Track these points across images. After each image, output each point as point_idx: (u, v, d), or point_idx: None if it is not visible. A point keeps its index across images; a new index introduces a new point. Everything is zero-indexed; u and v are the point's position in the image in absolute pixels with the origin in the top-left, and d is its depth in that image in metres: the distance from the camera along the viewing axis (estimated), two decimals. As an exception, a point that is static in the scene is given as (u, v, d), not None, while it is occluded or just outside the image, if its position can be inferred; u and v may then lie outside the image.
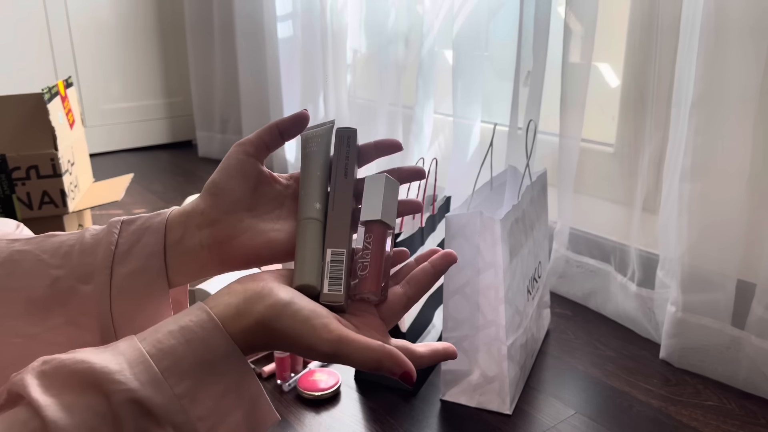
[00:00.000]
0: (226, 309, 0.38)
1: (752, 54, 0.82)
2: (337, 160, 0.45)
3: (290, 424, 0.83)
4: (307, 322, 0.37)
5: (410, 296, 0.44)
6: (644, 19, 1.01)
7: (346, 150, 0.45)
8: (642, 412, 0.86)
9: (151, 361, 0.35)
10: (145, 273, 0.43)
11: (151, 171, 2.16)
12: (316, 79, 1.81)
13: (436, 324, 0.99)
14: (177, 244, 0.44)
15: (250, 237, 0.44)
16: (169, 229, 0.44)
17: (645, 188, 1.05)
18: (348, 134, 0.45)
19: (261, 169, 0.46)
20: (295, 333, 0.37)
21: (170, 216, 0.45)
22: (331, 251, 0.42)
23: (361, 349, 0.37)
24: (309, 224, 0.43)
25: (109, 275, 0.43)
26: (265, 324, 0.37)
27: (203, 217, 0.44)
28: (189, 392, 0.35)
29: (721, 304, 0.91)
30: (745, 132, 0.85)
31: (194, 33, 2.26)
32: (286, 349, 0.39)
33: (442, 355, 0.41)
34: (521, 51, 1.08)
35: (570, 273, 1.18)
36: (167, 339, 0.36)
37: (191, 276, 0.44)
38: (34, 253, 0.44)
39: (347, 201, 0.43)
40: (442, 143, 1.51)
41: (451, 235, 0.82)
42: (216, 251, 0.44)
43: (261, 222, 0.45)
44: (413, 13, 1.44)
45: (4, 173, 1.18)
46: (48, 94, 1.21)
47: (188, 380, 0.35)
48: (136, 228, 0.44)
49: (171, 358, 0.35)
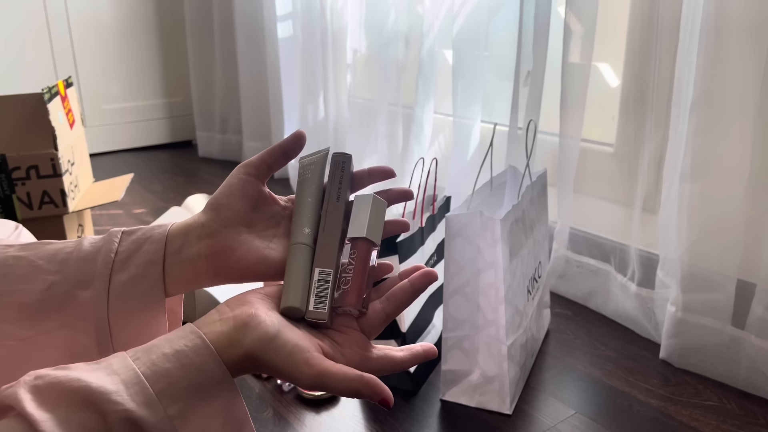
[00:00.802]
0: (219, 337, 0.40)
1: (752, 54, 0.82)
2: (331, 183, 0.47)
3: (290, 424, 0.83)
4: (290, 358, 0.40)
5: (389, 313, 0.46)
6: (644, 19, 1.02)
7: (340, 174, 0.47)
8: (642, 412, 0.86)
9: (146, 382, 0.36)
10: (144, 280, 0.44)
11: (151, 171, 2.16)
12: (316, 79, 1.81)
13: (436, 324, 0.99)
14: (176, 253, 0.45)
15: (246, 251, 0.46)
16: (170, 240, 0.46)
17: (645, 188, 1.05)
18: (343, 159, 0.47)
19: (262, 189, 0.48)
20: (280, 366, 0.40)
21: (171, 228, 0.47)
22: (318, 270, 0.45)
23: (341, 381, 0.40)
24: (298, 249, 0.45)
25: (108, 282, 0.44)
26: (253, 356, 0.40)
27: (203, 228, 0.46)
28: (180, 414, 0.37)
29: (721, 304, 0.91)
30: (745, 132, 0.85)
31: (194, 33, 2.26)
32: (273, 375, 0.41)
33: (422, 356, 0.44)
34: (521, 51, 1.08)
35: (570, 273, 1.18)
36: (162, 362, 0.37)
37: (187, 286, 0.46)
38: (29, 259, 0.45)
39: (337, 223, 0.46)
40: (442, 143, 1.51)
41: (451, 235, 0.82)
42: (213, 262, 0.45)
43: (257, 239, 0.47)
44: (413, 13, 1.44)
45: (4, 173, 1.18)
46: (48, 94, 1.21)
47: (180, 402, 0.37)
48: (136, 238, 0.46)
49: (166, 381, 0.37)
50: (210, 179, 2.08)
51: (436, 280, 0.46)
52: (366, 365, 0.43)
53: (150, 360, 0.37)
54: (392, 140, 1.54)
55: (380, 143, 1.56)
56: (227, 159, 2.31)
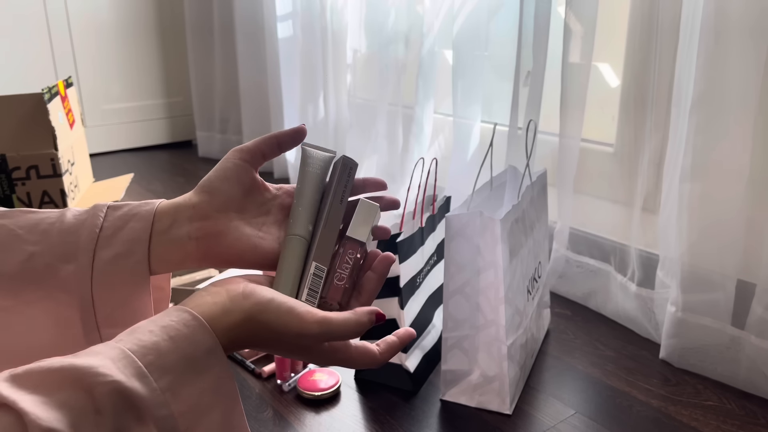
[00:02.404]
0: (212, 308, 0.40)
1: (752, 54, 0.82)
2: (336, 185, 0.48)
3: (290, 424, 0.83)
4: (292, 312, 0.40)
5: (363, 303, 0.47)
6: (644, 19, 1.02)
7: (346, 179, 0.49)
8: (642, 412, 0.86)
9: (134, 356, 0.35)
10: (128, 258, 0.44)
11: (151, 171, 2.16)
12: (316, 78, 1.81)
13: (436, 324, 0.99)
14: (164, 233, 0.45)
15: (237, 238, 0.46)
16: (158, 218, 0.45)
17: (645, 188, 1.05)
18: (351, 165, 0.49)
19: (254, 176, 0.48)
20: (282, 322, 0.40)
21: (159, 206, 0.46)
22: (315, 265, 0.46)
23: (344, 321, 0.41)
24: (297, 241, 0.46)
25: (92, 257, 0.43)
26: (252, 318, 0.39)
27: (195, 210, 0.45)
28: (171, 386, 0.36)
29: (721, 304, 0.91)
30: (745, 132, 0.85)
31: (194, 33, 2.26)
32: (270, 345, 0.41)
33: (398, 345, 0.45)
34: (521, 51, 1.08)
35: (570, 273, 1.18)
36: (148, 337, 0.37)
37: (172, 266, 0.46)
38: (8, 227, 0.44)
39: (337, 224, 0.48)
40: (442, 143, 1.51)
41: (451, 235, 0.82)
42: (203, 244, 0.45)
43: (248, 226, 0.47)
44: (413, 13, 1.44)
45: (4, 173, 1.18)
46: (48, 94, 1.21)
47: (170, 375, 0.36)
48: (122, 214, 0.45)
49: (154, 354, 0.36)
50: (210, 179, 2.08)
51: (393, 261, 0.48)
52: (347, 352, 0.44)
53: (135, 338, 0.36)
54: (392, 140, 1.54)
55: (380, 143, 1.56)
56: (227, 159, 2.31)
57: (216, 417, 0.37)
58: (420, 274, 0.91)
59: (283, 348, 0.42)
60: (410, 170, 1.48)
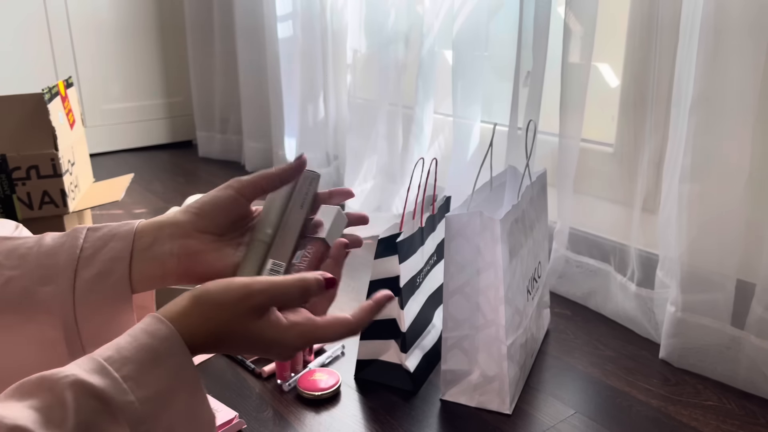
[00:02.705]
0: (168, 306, 0.41)
1: (752, 53, 0.82)
2: (298, 193, 0.52)
3: (290, 424, 0.83)
4: (234, 281, 0.41)
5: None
6: (644, 19, 1.02)
7: (307, 187, 0.52)
8: (642, 411, 0.86)
9: (95, 356, 0.37)
10: (109, 276, 0.45)
11: (151, 171, 2.16)
12: (316, 78, 1.81)
13: (436, 324, 0.99)
14: (146, 250, 0.46)
15: (217, 257, 0.48)
16: (138, 236, 0.47)
17: (645, 188, 1.05)
18: (312, 176, 0.53)
19: (247, 209, 0.51)
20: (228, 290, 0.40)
21: (139, 225, 0.47)
22: (272, 261, 0.49)
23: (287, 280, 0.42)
24: (256, 245, 0.50)
25: (73, 278, 0.44)
26: (198, 298, 0.40)
27: (177, 228, 0.47)
28: (131, 374, 0.36)
29: (721, 304, 0.91)
30: (745, 132, 0.85)
31: (194, 33, 2.26)
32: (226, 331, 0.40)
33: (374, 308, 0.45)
34: (521, 51, 1.08)
35: (570, 273, 1.18)
36: (113, 341, 0.38)
37: (154, 283, 0.47)
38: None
39: (297, 225, 0.51)
40: (442, 143, 1.51)
41: (451, 235, 0.82)
42: (184, 262, 0.47)
43: (227, 246, 0.49)
44: (413, 13, 1.44)
45: (5, 173, 1.18)
46: (48, 94, 1.22)
47: (130, 365, 0.37)
48: (102, 235, 0.46)
49: (113, 349, 0.37)
50: (210, 179, 2.08)
51: (351, 244, 0.51)
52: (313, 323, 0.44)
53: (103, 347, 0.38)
54: (392, 140, 1.54)
55: (380, 143, 1.56)
56: (227, 159, 2.31)
57: (180, 403, 0.38)
58: (420, 274, 0.91)
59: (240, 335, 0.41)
60: (410, 170, 1.48)
